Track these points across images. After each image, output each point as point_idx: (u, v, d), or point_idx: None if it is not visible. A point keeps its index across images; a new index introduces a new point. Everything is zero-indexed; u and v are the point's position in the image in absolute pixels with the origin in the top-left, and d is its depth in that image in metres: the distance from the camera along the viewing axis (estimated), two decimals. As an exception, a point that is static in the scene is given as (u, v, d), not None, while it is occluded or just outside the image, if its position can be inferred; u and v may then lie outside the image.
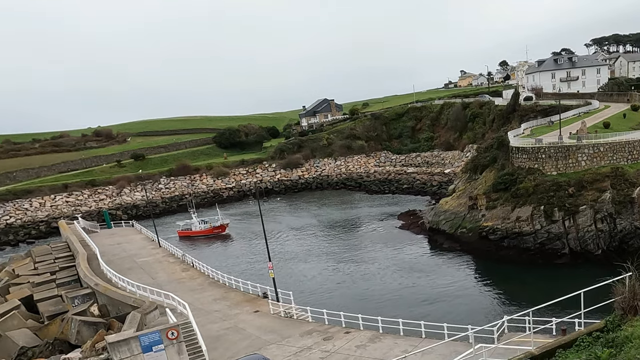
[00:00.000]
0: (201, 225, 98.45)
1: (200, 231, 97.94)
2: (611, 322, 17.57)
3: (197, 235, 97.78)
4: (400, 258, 69.04)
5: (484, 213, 69.88)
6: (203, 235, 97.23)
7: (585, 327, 19.08)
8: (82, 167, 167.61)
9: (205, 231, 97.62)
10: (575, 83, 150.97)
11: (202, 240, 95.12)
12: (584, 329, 18.71)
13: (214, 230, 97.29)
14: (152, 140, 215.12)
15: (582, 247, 59.38)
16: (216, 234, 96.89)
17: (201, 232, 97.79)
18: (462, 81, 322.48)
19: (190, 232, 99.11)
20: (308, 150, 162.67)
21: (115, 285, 50.89)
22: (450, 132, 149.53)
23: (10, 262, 73.14)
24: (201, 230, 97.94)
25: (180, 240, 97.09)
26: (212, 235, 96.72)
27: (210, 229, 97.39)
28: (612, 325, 17.38)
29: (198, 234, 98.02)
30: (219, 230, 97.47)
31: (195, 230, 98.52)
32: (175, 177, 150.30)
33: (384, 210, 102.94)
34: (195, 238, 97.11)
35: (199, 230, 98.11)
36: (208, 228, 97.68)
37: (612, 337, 16.18)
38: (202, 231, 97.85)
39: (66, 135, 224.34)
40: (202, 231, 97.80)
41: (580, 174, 64.30)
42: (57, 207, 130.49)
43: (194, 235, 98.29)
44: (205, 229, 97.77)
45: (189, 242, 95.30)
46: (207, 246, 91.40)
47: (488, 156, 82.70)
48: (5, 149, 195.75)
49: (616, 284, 18.46)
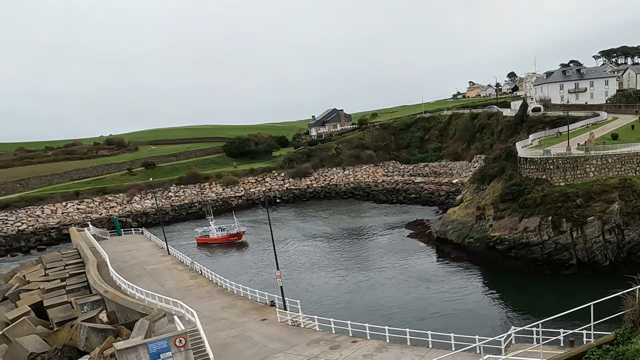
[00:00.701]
0: (218, 232, 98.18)
1: (217, 238, 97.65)
2: (621, 334, 17.21)
3: (214, 242, 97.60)
4: (408, 268, 68.62)
5: (492, 223, 69.39)
6: (220, 242, 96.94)
7: (595, 340, 18.72)
8: (94, 175, 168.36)
9: (222, 238, 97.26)
10: (584, 94, 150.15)
11: (218, 247, 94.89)
12: (593, 342, 18.35)
13: (230, 237, 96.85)
14: (163, 148, 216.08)
15: (589, 258, 58.75)
16: (232, 242, 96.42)
17: (218, 240, 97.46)
18: (470, 92, 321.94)
19: (208, 239, 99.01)
20: (317, 159, 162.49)
21: (124, 292, 50.82)
22: (459, 143, 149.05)
23: (21, 269, 73.34)
24: (218, 237, 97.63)
25: (198, 247, 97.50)
26: (229, 242, 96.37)
27: (226, 237, 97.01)
28: (622, 338, 17.02)
29: (215, 241, 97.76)
30: (235, 237, 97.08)
31: (213, 238, 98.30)
32: (185, 185, 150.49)
33: (391, 219, 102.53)
34: (212, 245, 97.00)
35: (216, 238, 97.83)
36: (225, 235, 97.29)
37: (622, 350, 15.84)
38: (219, 238, 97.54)
39: (79, 143, 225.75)
40: (219, 238, 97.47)
41: (589, 185, 63.77)
42: (68, 214, 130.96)
43: (211, 242, 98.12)
44: (222, 236, 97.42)
45: (206, 248, 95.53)
46: (222, 253, 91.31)
47: (496, 166, 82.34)
48: (19, 156, 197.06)
49: (626, 296, 18.12)
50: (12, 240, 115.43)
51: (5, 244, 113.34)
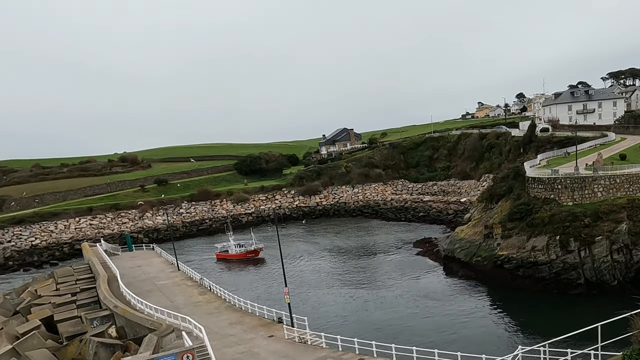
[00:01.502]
0: (237, 248, 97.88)
1: (236, 254, 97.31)
2: (629, 356, 16.80)
3: (233, 258, 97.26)
4: (415, 286, 67.98)
5: (500, 242, 68.80)
6: (238, 258, 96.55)
7: (603, 361, 18.30)
8: (107, 191, 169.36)
9: (239, 255, 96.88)
10: (592, 115, 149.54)
11: (237, 263, 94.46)
12: (601, 363, 17.93)
13: (248, 254, 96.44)
14: (176, 166, 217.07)
15: (597, 277, 57.93)
16: (250, 258, 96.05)
17: (236, 256, 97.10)
18: (479, 112, 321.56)
19: (227, 254, 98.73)
20: (327, 177, 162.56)
21: (134, 307, 50.60)
22: (467, 162, 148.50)
23: (33, 283, 73.28)
24: (237, 253, 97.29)
25: (217, 262, 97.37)
26: (247, 259, 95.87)
27: (244, 253, 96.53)
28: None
29: (233, 257, 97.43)
30: (253, 254, 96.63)
31: (232, 254, 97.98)
32: (197, 202, 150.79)
33: (399, 237, 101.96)
34: (231, 261, 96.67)
35: (235, 254, 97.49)
36: (243, 252, 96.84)
37: (630, 371, 15.44)
38: (237, 255, 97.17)
39: (93, 160, 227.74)
40: (237, 255, 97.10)
41: (596, 205, 63.14)
42: (81, 229, 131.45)
43: (230, 257, 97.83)
44: (240, 252, 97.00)
45: (225, 264, 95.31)
46: (239, 269, 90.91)
47: (504, 186, 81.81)
48: (35, 172, 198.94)
49: (634, 317, 17.72)
50: (26, 255, 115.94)
51: (18, 259, 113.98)
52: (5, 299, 65.20)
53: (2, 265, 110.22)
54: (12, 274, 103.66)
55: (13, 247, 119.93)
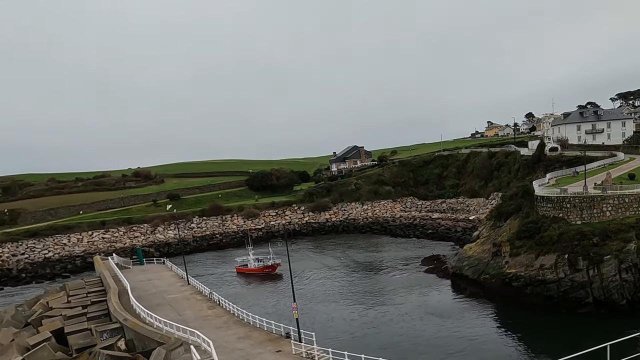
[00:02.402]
0: (255, 263, 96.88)
1: (254, 269, 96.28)
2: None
3: (251, 273, 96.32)
4: (424, 303, 67.35)
5: (508, 260, 68.15)
6: (256, 273, 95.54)
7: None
8: (120, 206, 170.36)
9: (257, 269, 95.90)
10: (601, 135, 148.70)
11: (255, 278, 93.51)
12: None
13: (265, 269, 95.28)
14: (188, 181, 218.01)
15: (606, 296, 57.07)
16: (267, 273, 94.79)
17: (254, 270, 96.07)
18: (488, 131, 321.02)
19: (246, 269, 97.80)
20: (336, 194, 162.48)
21: (143, 320, 50.44)
22: (476, 180, 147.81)
23: (45, 295, 73.38)
24: (255, 268, 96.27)
25: (237, 276, 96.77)
26: (264, 274, 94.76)
27: (261, 268, 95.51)
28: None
29: (252, 271, 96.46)
30: (270, 270, 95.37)
31: (251, 268, 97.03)
32: (208, 217, 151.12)
33: (408, 254, 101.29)
34: (250, 275, 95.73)
35: (253, 268, 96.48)
36: (260, 267, 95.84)
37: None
38: (255, 269, 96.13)
39: (108, 175, 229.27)
40: (255, 269, 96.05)
41: (605, 224, 62.48)
42: (94, 243, 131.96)
43: (249, 272, 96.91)
44: (258, 267, 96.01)
45: (245, 278, 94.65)
46: (256, 284, 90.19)
47: (513, 204, 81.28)
48: (50, 186, 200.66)
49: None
50: (38, 267, 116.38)
51: (31, 271, 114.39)
52: (17, 310, 65.36)
53: (15, 277, 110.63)
54: (25, 286, 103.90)
55: (26, 259, 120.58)
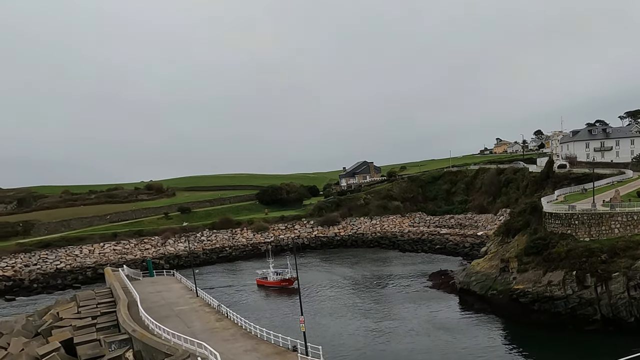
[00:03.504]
0: (274, 276, 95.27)
1: (272, 282, 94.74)
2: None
3: (270, 286, 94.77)
4: (431, 318, 66.78)
5: (515, 276, 67.49)
6: (274, 286, 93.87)
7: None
8: (132, 218, 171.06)
9: (275, 282, 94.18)
10: (609, 153, 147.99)
11: (273, 291, 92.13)
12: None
13: (282, 282, 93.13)
14: (199, 194, 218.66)
15: (614, 314, 56.29)
16: (284, 287, 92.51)
17: (272, 283, 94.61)
18: (497, 148, 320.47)
19: (266, 281, 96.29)
20: (345, 208, 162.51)
21: (152, 332, 50.30)
22: (485, 196, 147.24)
23: (55, 305, 73.47)
24: (273, 281, 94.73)
25: (257, 288, 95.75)
26: (281, 287, 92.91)
27: (279, 281, 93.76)
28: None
29: (270, 284, 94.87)
30: (286, 283, 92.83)
31: (270, 281, 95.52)
32: (218, 230, 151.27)
33: (415, 269, 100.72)
34: (269, 288, 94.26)
35: (272, 281, 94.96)
36: (278, 280, 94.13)
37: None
38: (273, 282, 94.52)
39: (120, 188, 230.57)
40: (273, 282, 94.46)
41: (613, 241, 61.77)
42: (105, 254, 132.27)
43: (268, 285, 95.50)
44: (276, 280, 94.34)
45: (264, 291, 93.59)
46: (274, 297, 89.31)
47: (521, 220, 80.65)
48: (64, 198, 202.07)
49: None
50: (50, 278, 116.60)
51: (43, 281, 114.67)
52: (28, 320, 65.47)
53: (27, 288, 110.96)
54: (36, 296, 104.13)
55: (39, 270, 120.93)
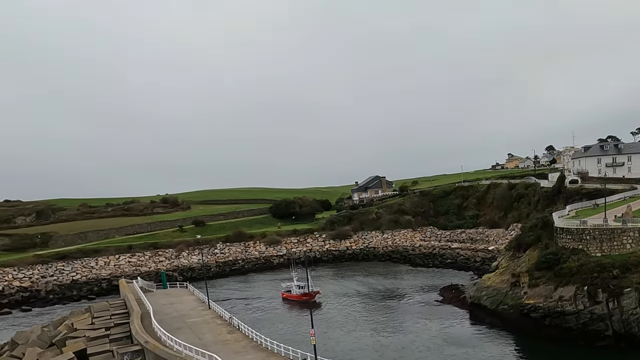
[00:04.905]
0: (297, 290, 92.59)
1: (295, 296, 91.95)
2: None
3: (293, 300, 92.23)
4: (441, 332, 66.01)
5: (526, 291, 66.59)
6: (296, 300, 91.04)
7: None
8: (148, 231, 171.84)
9: (297, 296, 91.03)
10: (621, 168, 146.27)
11: (296, 304, 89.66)
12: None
13: (303, 297, 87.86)
14: (214, 208, 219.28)
15: (626, 330, 55.23)
16: (306, 301, 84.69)
17: (295, 297, 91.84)
18: (509, 163, 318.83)
19: (290, 295, 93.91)
20: (357, 222, 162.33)
21: (164, 343, 50.14)
22: (496, 211, 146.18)
23: (70, 316, 73.58)
24: (296, 295, 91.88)
25: (282, 302, 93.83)
26: (302, 301, 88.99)
27: (300, 295, 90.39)
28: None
29: (294, 298, 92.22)
30: (307, 297, 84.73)
31: (293, 294, 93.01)
32: (231, 243, 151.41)
33: (426, 283, 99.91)
34: (292, 301, 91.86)
35: (294, 295, 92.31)
36: (300, 294, 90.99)
37: None
38: (296, 296, 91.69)
39: (137, 201, 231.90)
40: (296, 296, 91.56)
41: (625, 257, 60.81)
42: (120, 266, 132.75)
43: (291, 298, 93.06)
44: (298, 294, 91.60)
45: (288, 304, 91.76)
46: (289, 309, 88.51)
47: (532, 235, 79.77)
48: (82, 211, 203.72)
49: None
50: (66, 289, 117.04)
51: (59, 292, 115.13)
52: (43, 331, 65.58)
53: (44, 299, 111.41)
54: (52, 307, 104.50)
55: (55, 281, 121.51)
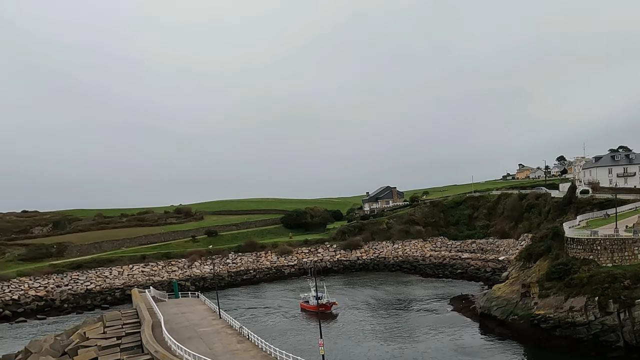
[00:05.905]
0: (313, 300, 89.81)
1: (311, 306, 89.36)
2: None
3: (310, 310, 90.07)
4: (451, 343, 65.22)
5: (537, 301, 65.68)
6: (313, 311, 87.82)
7: None
8: (161, 241, 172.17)
9: (313, 307, 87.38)
10: (632, 179, 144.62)
11: (313, 315, 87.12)
12: None
13: (319, 308, 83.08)
14: (226, 218, 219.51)
15: (637, 341, 54.07)
16: (321, 312, 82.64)
17: (312, 308, 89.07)
18: (520, 174, 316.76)
19: (307, 305, 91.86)
20: (368, 233, 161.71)
21: (174, 353, 49.91)
22: (506, 221, 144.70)
23: (83, 325, 73.62)
24: (312, 305, 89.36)
25: (300, 312, 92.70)
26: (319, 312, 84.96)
27: (316, 306, 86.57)
28: None
29: (310, 309, 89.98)
30: (323, 309, 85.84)
31: (310, 305, 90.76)
32: (243, 253, 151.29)
33: (437, 293, 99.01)
34: (310, 312, 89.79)
35: (311, 306, 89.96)
36: (315, 305, 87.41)
37: None
38: (312, 307, 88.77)
39: (151, 211, 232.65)
40: (312, 307, 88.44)
41: (637, 267, 59.80)
42: (133, 276, 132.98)
43: (308, 309, 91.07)
44: (314, 305, 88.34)
45: (306, 314, 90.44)
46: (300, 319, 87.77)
47: (543, 245, 78.91)
48: (97, 221, 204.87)
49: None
50: (80, 298, 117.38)
51: (73, 301, 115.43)
52: (56, 339, 65.65)
53: (58, 308, 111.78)
54: (66, 316, 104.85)
55: (70, 290, 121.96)
